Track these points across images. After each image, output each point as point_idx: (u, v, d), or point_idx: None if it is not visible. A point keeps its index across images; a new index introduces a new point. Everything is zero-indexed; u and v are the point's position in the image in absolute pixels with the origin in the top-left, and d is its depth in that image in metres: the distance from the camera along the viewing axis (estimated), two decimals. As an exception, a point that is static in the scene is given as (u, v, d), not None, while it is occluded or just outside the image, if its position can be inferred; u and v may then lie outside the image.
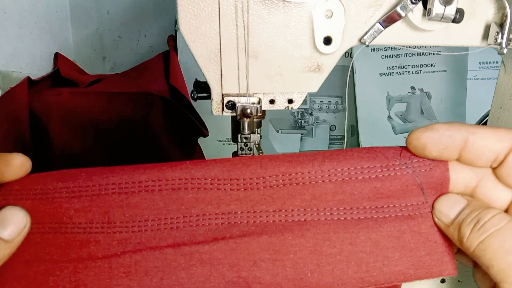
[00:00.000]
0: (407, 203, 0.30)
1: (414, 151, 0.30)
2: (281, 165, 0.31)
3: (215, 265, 0.29)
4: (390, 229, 0.30)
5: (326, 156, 0.32)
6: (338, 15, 0.39)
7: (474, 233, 0.27)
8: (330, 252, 0.29)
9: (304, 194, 0.31)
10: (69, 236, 0.30)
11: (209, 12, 0.38)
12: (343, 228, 0.30)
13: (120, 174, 0.31)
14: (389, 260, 0.29)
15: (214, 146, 0.96)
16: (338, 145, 1.03)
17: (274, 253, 0.29)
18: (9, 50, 0.81)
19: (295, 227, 0.30)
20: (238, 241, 0.30)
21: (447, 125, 0.29)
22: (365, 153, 0.32)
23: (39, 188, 0.31)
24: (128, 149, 0.81)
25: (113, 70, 1.09)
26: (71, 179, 0.32)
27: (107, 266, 0.29)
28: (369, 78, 0.98)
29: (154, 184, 0.31)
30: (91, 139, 0.79)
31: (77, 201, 0.31)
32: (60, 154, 0.77)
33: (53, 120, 0.76)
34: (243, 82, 0.41)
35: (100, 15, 1.06)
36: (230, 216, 0.31)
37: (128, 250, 0.30)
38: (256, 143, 0.44)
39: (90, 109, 0.79)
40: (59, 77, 0.89)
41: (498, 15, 0.41)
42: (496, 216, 0.27)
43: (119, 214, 0.31)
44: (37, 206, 0.31)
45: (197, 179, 0.31)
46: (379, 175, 0.31)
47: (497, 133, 0.29)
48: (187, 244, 0.30)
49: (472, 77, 0.95)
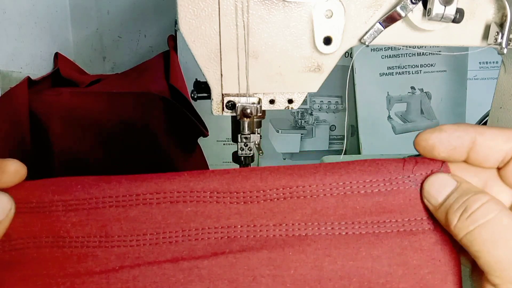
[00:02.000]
0: (410, 218, 0.30)
1: (422, 152, 0.30)
2: (282, 178, 0.31)
3: (214, 281, 0.29)
4: (391, 245, 0.29)
5: (328, 170, 0.31)
6: (338, 15, 0.39)
7: (462, 222, 0.27)
8: (331, 268, 0.29)
9: (305, 208, 0.30)
10: (66, 250, 0.30)
11: (209, 12, 0.38)
12: (344, 243, 0.29)
13: (117, 187, 0.31)
14: (392, 277, 0.29)
15: (214, 146, 0.96)
16: (338, 145, 1.03)
17: (274, 268, 0.29)
18: (9, 50, 0.81)
19: (295, 242, 0.30)
20: (237, 256, 0.29)
21: (455, 126, 0.29)
22: (367, 166, 0.31)
23: (35, 202, 0.31)
24: (128, 149, 0.81)
25: (113, 70, 1.09)
26: (67, 192, 0.31)
27: (105, 281, 0.29)
28: (369, 78, 0.98)
29: (152, 197, 0.31)
30: (91, 139, 0.80)
31: (74, 215, 0.31)
32: (60, 154, 0.77)
33: (53, 120, 0.76)
34: (243, 82, 0.41)
35: (100, 15, 1.06)
36: (230, 230, 0.30)
37: (126, 265, 0.30)
38: (256, 143, 0.44)
39: (90, 109, 0.79)
40: (59, 77, 0.89)
41: (498, 15, 0.41)
42: (485, 205, 0.27)
43: (117, 228, 0.30)
44: (33, 220, 0.31)
45: (196, 191, 0.31)
46: (382, 189, 0.30)
47: (506, 133, 0.29)
48: (186, 259, 0.30)
49: (472, 77, 0.95)
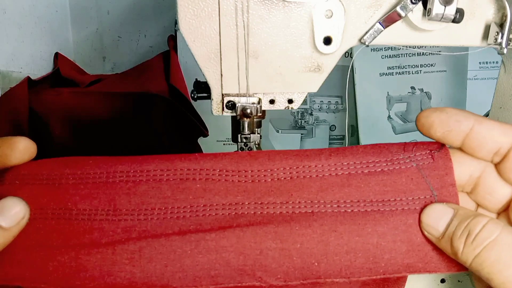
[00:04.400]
0: (414, 197, 0.30)
1: (420, 129, 0.31)
2: (289, 158, 0.32)
3: (221, 253, 0.29)
4: (396, 223, 0.30)
5: (332, 151, 0.32)
6: (338, 15, 0.39)
7: (468, 247, 0.26)
8: (337, 243, 0.29)
9: (311, 187, 0.31)
10: (73, 222, 0.30)
11: (209, 12, 0.38)
12: (350, 220, 0.30)
13: (129, 163, 0.31)
14: (396, 253, 0.29)
15: (214, 146, 0.96)
16: (338, 145, 1.03)
17: (280, 242, 0.29)
18: (9, 50, 0.81)
19: (302, 218, 0.30)
20: (244, 230, 0.30)
21: (457, 110, 0.30)
22: (370, 149, 0.32)
23: (45, 174, 0.31)
24: (128, 149, 0.81)
25: (113, 70, 1.09)
26: (79, 166, 0.31)
27: (111, 252, 0.29)
28: (369, 78, 0.98)
29: (162, 174, 0.31)
30: (91, 139, 0.80)
31: (83, 188, 0.31)
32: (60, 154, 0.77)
33: (53, 120, 0.76)
34: (243, 82, 0.41)
35: (100, 15, 1.06)
36: (237, 206, 0.31)
37: (133, 237, 0.30)
38: (256, 143, 0.44)
39: (90, 109, 0.79)
40: (59, 77, 0.89)
41: (498, 15, 0.41)
42: (487, 226, 0.26)
43: (126, 202, 0.31)
44: (42, 191, 0.31)
45: (206, 169, 0.31)
46: (384, 168, 0.31)
47: (503, 127, 0.29)
48: (193, 232, 0.30)
49: (472, 77, 0.95)
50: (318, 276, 0.29)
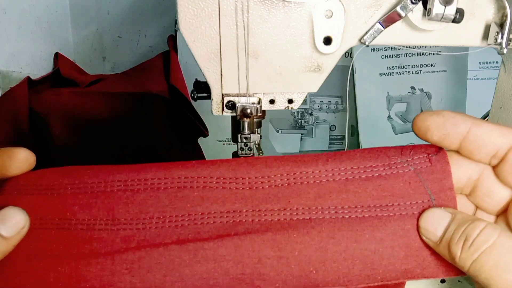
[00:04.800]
0: (412, 201, 0.30)
1: (417, 132, 0.30)
2: (286, 164, 0.32)
3: (219, 262, 0.29)
4: (394, 228, 0.30)
5: (329, 156, 0.32)
6: (338, 15, 0.39)
7: (465, 252, 0.26)
8: (335, 250, 0.29)
9: (308, 193, 0.31)
10: (72, 232, 0.30)
11: (209, 12, 0.38)
12: (347, 226, 0.30)
13: (126, 172, 0.31)
14: (394, 259, 0.29)
15: (214, 146, 0.96)
16: (338, 145, 1.03)
17: (278, 250, 0.29)
18: (9, 50, 0.81)
19: (300, 225, 0.30)
20: (242, 238, 0.30)
21: (454, 114, 0.29)
22: (367, 153, 0.32)
23: (44, 184, 0.31)
24: (128, 149, 0.81)
25: (113, 70, 1.09)
26: (77, 176, 0.31)
27: (110, 262, 0.29)
28: (369, 78, 0.98)
29: (160, 182, 0.31)
30: (91, 139, 0.80)
31: (82, 197, 0.31)
32: (60, 154, 0.77)
33: (53, 120, 0.76)
34: (243, 82, 0.41)
35: (100, 15, 1.06)
36: (235, 214, 0.31)
37: (132, 247, 0.30)
38: (256, 143, 0.44)
39: (90, 109, 0.79)
40: (59, 77, 0.89)
41: (498, 15, 0.41)
42: (485, 231, 0.26)
43: (124, 211, 0.31)
44: (41, 201, 0.31)
45: (203, 177, 0.31)
46: (382, 173, 0.31)
47: (501, 129, 0.29)
48: (192, 241, 0.30)
49: (472, 77, 0.95)
50: (316, 285, 0.29)
